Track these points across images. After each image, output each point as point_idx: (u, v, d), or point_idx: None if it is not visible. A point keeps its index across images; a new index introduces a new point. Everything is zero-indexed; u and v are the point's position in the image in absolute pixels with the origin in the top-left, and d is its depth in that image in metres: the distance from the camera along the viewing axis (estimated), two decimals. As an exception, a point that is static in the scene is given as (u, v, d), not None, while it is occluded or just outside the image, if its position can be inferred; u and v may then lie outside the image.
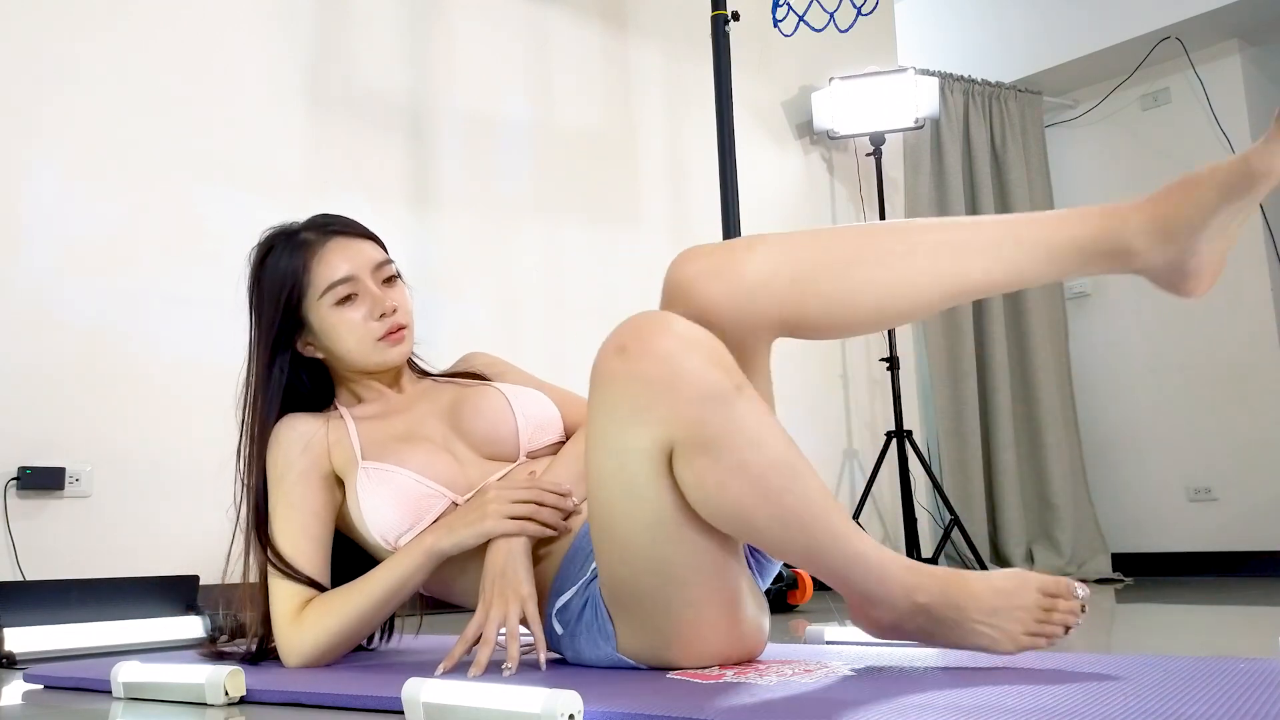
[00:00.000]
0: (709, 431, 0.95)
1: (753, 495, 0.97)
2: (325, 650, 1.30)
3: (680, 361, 0.95)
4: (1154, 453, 4.20)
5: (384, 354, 1.40)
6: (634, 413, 0.98)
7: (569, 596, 1.21)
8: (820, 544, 1.00)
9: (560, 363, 3.14)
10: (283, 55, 2.76)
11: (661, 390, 0.96)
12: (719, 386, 0.95)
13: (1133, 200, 1.05)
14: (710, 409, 0.95)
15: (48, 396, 2.29)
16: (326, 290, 1.39)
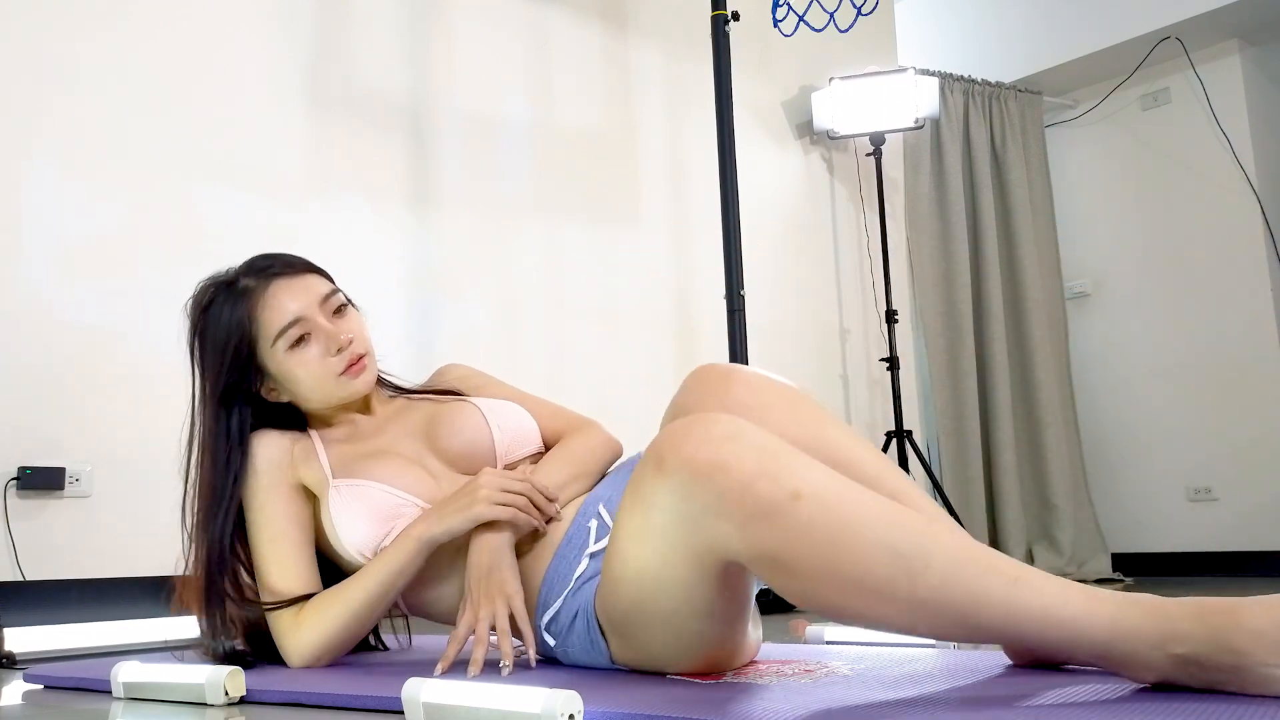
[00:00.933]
0: (771, 548, 0.86)
1: (856, 595, 0.85)
2: (327, 647, 1.30)
3: (724, 479, 0.86)
4: (1154, 453, 4.20)
5: (347, 387, 1.38)
6: (680, 532, 0.91)
7: (557, 608, 1.19)
8: (983, 623, 0.84)
9: (560, 362, 3.14)
10: (283, 55, 2.76)
11: (707, 510, 0.88)
12: (771, 500, 0.85)
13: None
14: (765, 527, 0.85)
15: (48, 396, 2.29)
16: (278, 337, 1.36)
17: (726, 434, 0.89)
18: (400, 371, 2.82)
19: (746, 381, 1.04)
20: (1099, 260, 4.42)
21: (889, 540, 0.84)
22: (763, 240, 3.70)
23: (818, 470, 0.88)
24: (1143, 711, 0.77)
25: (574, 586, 1.17)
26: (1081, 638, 0.83)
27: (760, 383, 1.05)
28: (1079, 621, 0.83)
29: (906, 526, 0.85)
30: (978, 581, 0.83)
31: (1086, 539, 4.08)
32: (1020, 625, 0.84)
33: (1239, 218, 4.04)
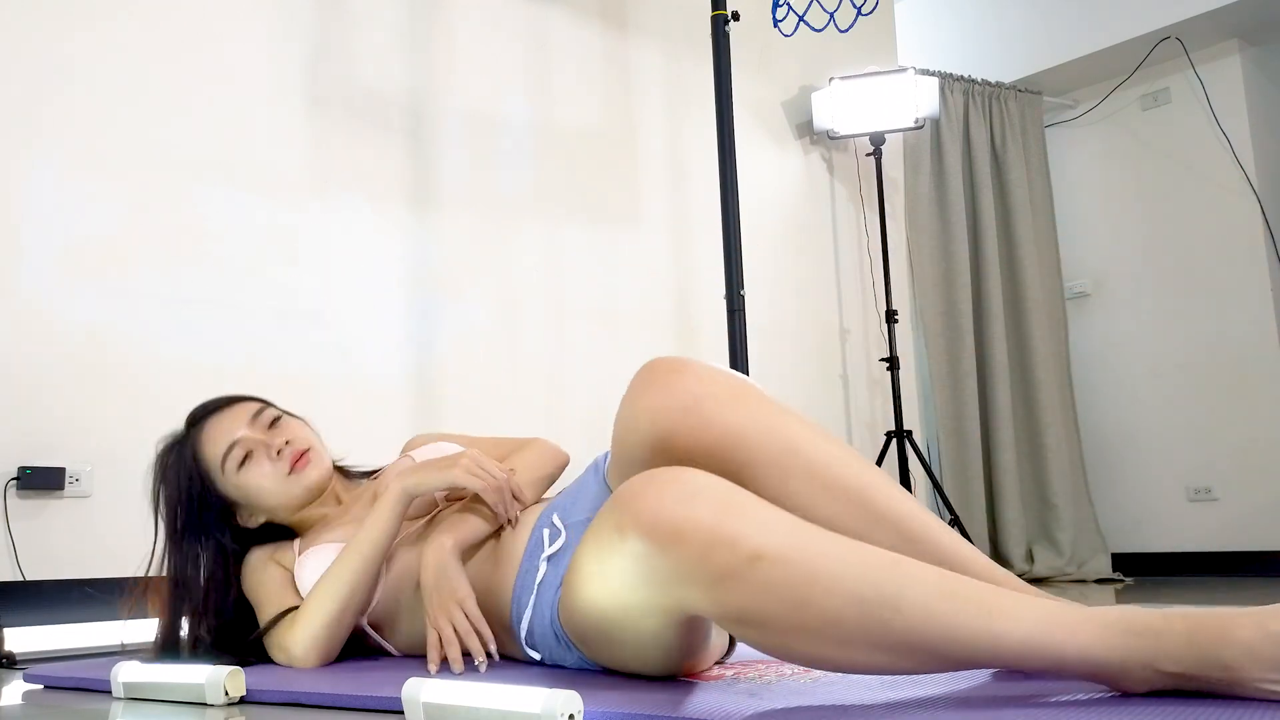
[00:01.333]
0: (736, 609, 0.84)
1: (829, 647, 0.84)
2: (326, 627, 1.31)
3: (681, 548, 0.84)
4: (1154, 453, 4.20)
5: (300, 483, 1.48)
6: (641, 591, 0.90)
7: (529, 618, 1.20)
8: (963, 657, 0.83)
9: (560, 362, 3.14)
10: (283, 55, 2.76)
11: (669, 577, 0.87)
12: (730, 566, 0.83)
13: None
14: (728, 591, 0.83)
15: (48, 396, 2.29)
16: (223, 462, 1.46)
17: (681, 496, 0.86)
18: (398, 371, 2.83)
19: (695, 374, 1.02)
20: (1099, 260, 4.42)
21: (855, 591, 0.82)
22: (763, 240, 3.70)
23: (776, 524, 0.85)
24: (1143, 712, 0.77)
25: (537, 594, 1.18)
26: (1066, 663, 0.82)
27: (709, 374, 1.02)
28: (1063, 648, 0.81)
29: (872, 572, 0.83)
30: (952, 619, 0.82)
31: (1086, 539, 4.08)
32: (1001, 656, 0.83)
33: (1239, 218, 4.04)
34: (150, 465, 1.55)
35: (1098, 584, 3.70)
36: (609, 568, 0.92)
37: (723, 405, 1.00)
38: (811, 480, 0.99)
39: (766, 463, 0.99)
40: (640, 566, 0.88)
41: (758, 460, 0.99)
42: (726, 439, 0.99)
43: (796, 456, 0.98)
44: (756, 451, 0.99)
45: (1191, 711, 0.76)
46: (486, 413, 2.95)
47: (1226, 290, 4.05)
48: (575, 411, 3.13)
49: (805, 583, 0.82)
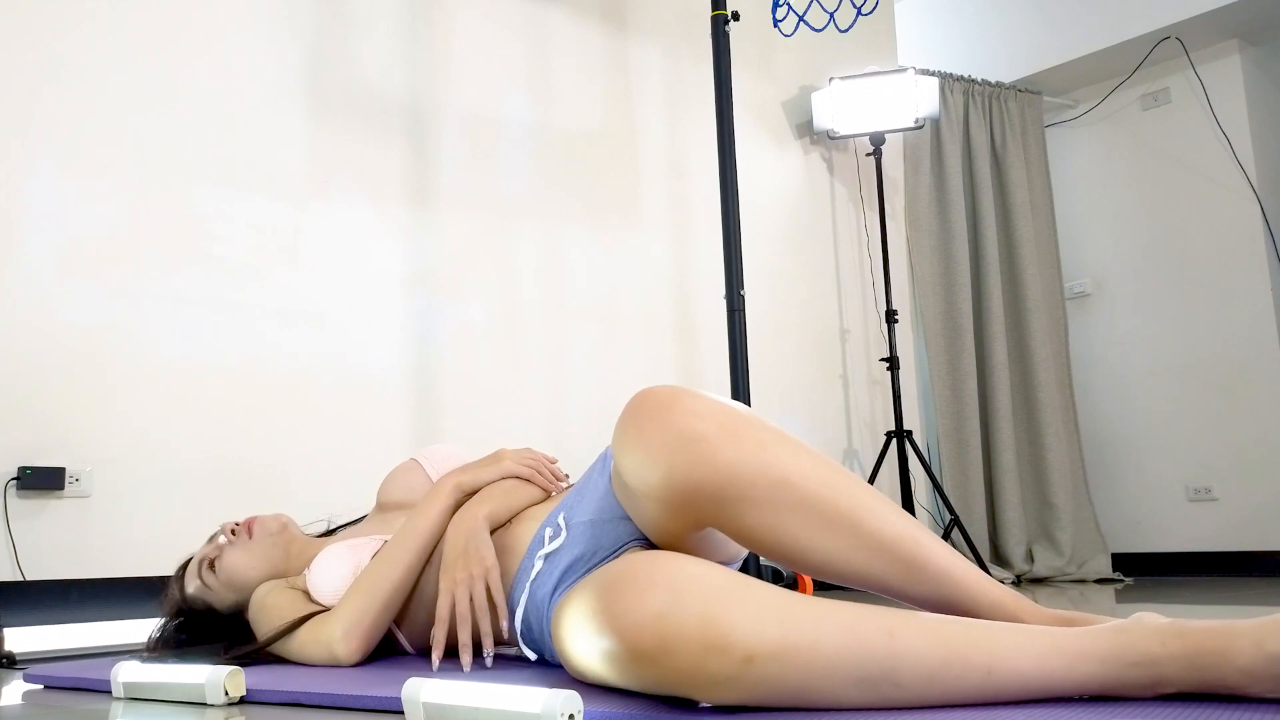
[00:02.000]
0: (735, 702, 0.84)
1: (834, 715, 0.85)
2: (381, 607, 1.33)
3: (670, 662, 0.83)
4: (1154, 453, 4.20)
5: (261, 536, 1.54)
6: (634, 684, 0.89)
7: (521, 614, 1.22)
8: (964, 705, 0.85)
9: (560, 362, 3.14)
10: (283, 55, 2.76)
11: (660, 684, 0.85)
12: (724, 672, 0.82)
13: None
14: (724, 692, 0.83)
15: (48, 396, 2.29)
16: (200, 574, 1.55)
17: (665, 607, 0.83)
18: (399, 372, 2.82)
19: (685, 410, 1.00)
20: (1099, 260, 4.43)
21: (853, 674, 0.83)
22: (763, 240, 3.70)
23: (767, 615, 0.83)
24: (1143, 712, 0.77)
25: (530, 591, 1.19)
26: (1070, 693, 0.84)
27: (699, 410, 1.00)
28: (1061, 686, 0.83)
29: (868, 653, 0.83)
30: (953, 685, 0.83)
31: (1086, 539, 4.08)
32: (1005, 692, 0.85)
33: (1239, 218, 4.04)
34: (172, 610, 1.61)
35: (1098, 584, 3.70)
36: (592, 660, 0.91)
37: (713, 445, 0.98)
38: (807, 514, 0.98)
39: (759, 500, 0.98)
40: (627, 669, 0.87)
41: (750, 498, 0.98)
42: (718, 478, 0.97)
43: (789, 491, 0.98)
44: (748, 489, 0.98)
45: (1191, 712, 0.76)
46: (486, 413, 2.95)
47: (1226, 290, 4.05)
48: (575, 411, 3.14)
49: (802, 674, 0.83)
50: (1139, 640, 0.82)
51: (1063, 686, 0.83)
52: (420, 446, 2.81)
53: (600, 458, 1.29)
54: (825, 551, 0.99)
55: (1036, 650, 0.84)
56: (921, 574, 0.99)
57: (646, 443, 0.99)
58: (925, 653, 0.83)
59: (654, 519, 1.06)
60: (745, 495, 0.98)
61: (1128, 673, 0.81)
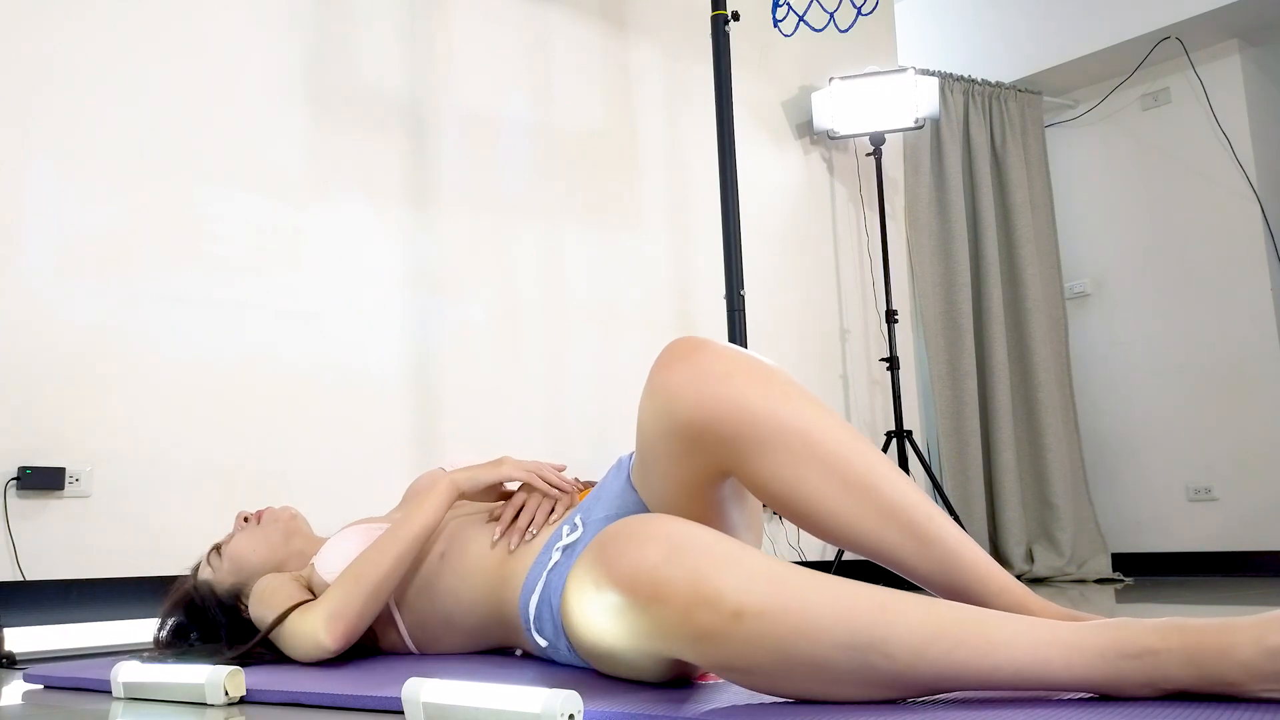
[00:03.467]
0: (722, 661, 0.84)
1: (820, 687, 0.84)
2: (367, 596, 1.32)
3: (661, 609, 0.84)
4: (1154, 453, 4.20)
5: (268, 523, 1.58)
6: (627, 639, 0.90)
7: (536, 601, 1.21)
8: (957, 688, 0.84)
9: (560, 362, 3.14)
10: (283, 55, 2.76)
11: (652, 634, 0.86)
12: (712, 626, 0.82)
13: None
14: (712, 646, 0.83)
15: (48, 396, 2.29)
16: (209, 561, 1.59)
17: (659, 558, 0.85)
18: (398, 371, 2.82)
19: (716, 353, 1.03)
20: (1099, 260, 4.43)
21: (842, 639, 0.82)
22: (763, 240, 3.70)
23: (758, 575, 0.84)
24: (1143, 713, 0.77)
25: (546, 579, 1.20)
26: (1060, 687, 0.82)
27: (730, 354, 1.03)
28: (1058, 677, 0.82)
29: (859, 619, 0.82)
30: (944, 660, 0.82)
31: (1086, 539, 4.08)
32: (996, 686, 0.83)
33: (1239, 218, 4.04)
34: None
35: (1098, 584, 3.70)
36: (592, 617, 0.92)
37: (742, 386, 1.00)
38: (824, 470, 0.99)
39: (779, 446, 0.99)
40: (621, 621, 0.88)
41: (770, 443, 0.99)
42: (742, 420, 0.99)
43: (809, 443, 0.98)
44: (769, 434, 0.99)
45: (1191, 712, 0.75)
46: (486, 412, 2.95)
47: (1226, 290, 4.05)
48: (575, 412, 3.13)
49: (790, 635, 0.82)
50: (1138, 634, 0.81)
51: (1059, 677, 0.81)
52: (420, 446, 2.81)
53: (615, 465, 1.29)
54: (838, 512, 0.99)
55: (1033, 638, 0.82)
56: (931, 549, 0.98)
57: (676, 379, 1.01)
58: (917, 627, 0.82)
59: (672, 473, 1.06)
60: (766, 440, 0.99)
61: (1126, 666, 0.80)
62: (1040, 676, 0.82)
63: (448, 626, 1.40)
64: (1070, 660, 0.81)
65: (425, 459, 2.81)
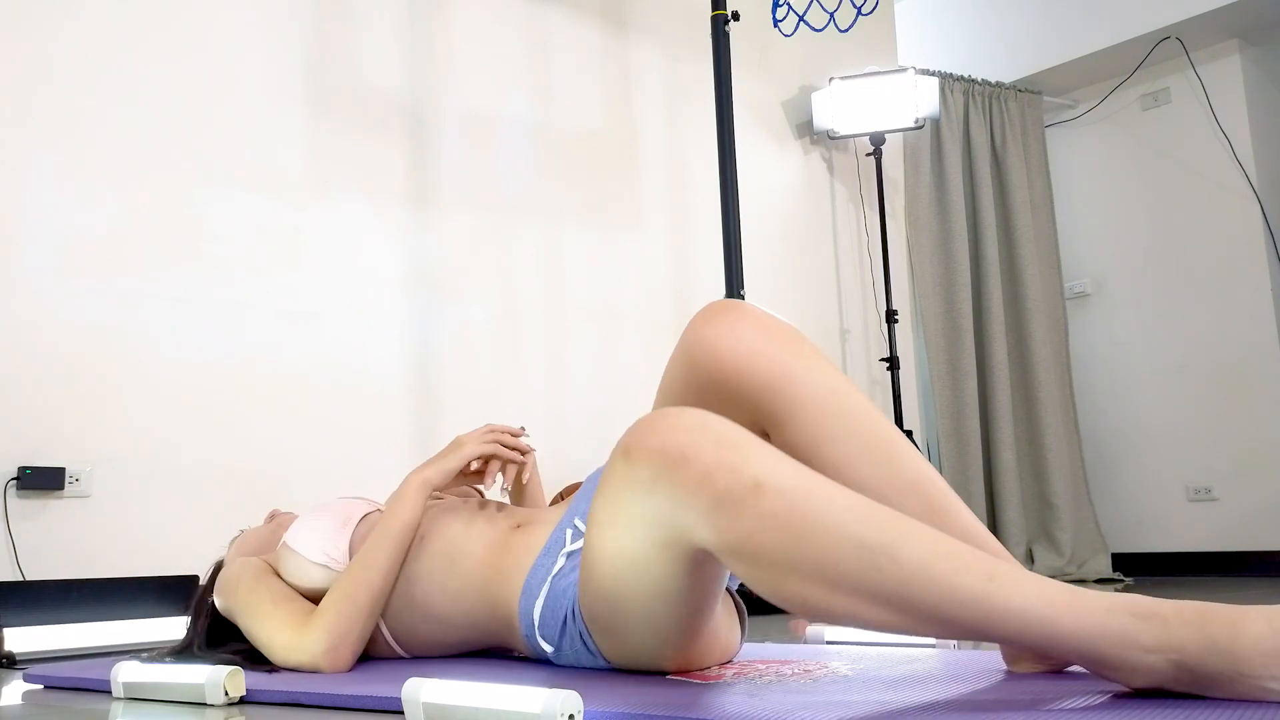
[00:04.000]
0: (735, 538, 0.85)
1: (822, 588, 0.83)
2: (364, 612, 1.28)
3: (685, 470, 0.86)
4: (1154, 453, 4.20)
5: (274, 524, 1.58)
6: (648, 520, 0.92)
7: (540, 607, 1.19)
8: (956, 619, 0.82)
9: (560, 362, 3.14)
10: (283, 55, 2.76)
11: (672, 501, 0.88)
12: (730, 491, 0.84)
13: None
14: (727, 517, 0.84)
15: (48, 396, 2.29)
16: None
17: (689, 425, 0.89)
18: (398, 371, 2.82)
19: (755, 315, 1.07)
20: (1099, 260, 4.43)
21: (855, 534, 0.82)
22: (763, 240, 3.70)
23: (782, 463, 0.86)
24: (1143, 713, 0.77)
25: (551, 584, 1.18)
26: (1065, 639, 0.80)
27: (768, 316, 1.08)
28: (1061, 621, 0.80)
29: (874, 520, 0.83)
30: (950, 578, 0.81)
31: (1086, 539, 4.08)
32: (996, 623, 0.81)
33: (1239, 218, 4.04)
34: None
35: (1098, 584, 3.70)
36: (617, 498, 0.94)
37: (779, 344, 1.04)
38: (850, 431, 1.01)
39: (808, 402, 1.01)
40: (645, 491, 0.90)
41: (801, 398, 1.01)
42: (778, 370, 1.02)
43: (837, 403, 1.01)
44: (803, 391, 1.02)
45: (1192, 712, 0.76)
46: (486, 412, 2.95)
47: (1226, 290, 4.05)
48: (575, 411, 3.14)
49: (804, 517, 0.82)
50: (1151, 601, 0.80)
51: (1065, 627, 0.80)
52: (420, 446, 2.81)
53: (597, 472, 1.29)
54: (860, 477, 1.00)
55: (1041, 585, 0.81)
56: (948, 526, 1.00)
57: (716, 332, 1.06)
58: (929, 543, 0.82)
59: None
60: (798, 396, 1.03)
61: (1134, 625, 0.79)
62: (1045, 621, 0.80)
63: (430, 619, 1.32)
64: (1079, 612, 0.80)
65: (425, 458, 2.81)
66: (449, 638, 1.35)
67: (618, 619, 1.06)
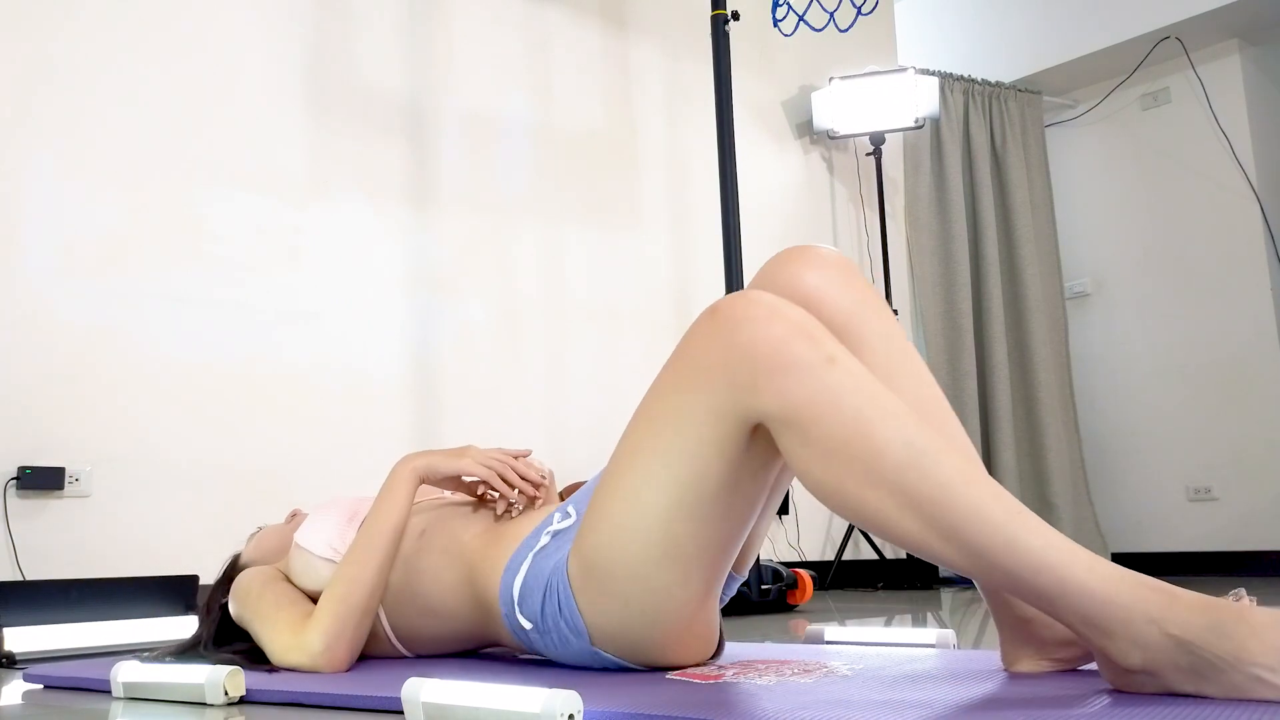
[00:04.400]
0: (796, 404, 0.89)
1: (862, 475, 0.87)
2: (359, 608, 1.27)
3: (768, 329, 0.91)
4: (1154, 453, 4.20)
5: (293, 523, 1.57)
6: (709, 376, 0.95)
7: (522, 580, 1.16)
8: (978, 542, 0.84)
9: (560, 362, 3.14)
10: (283, 55, 2.76)
11: (746, 358, 0.92)
12: (806, 357, 0.89)
13: None
14: (796, 381, 0.89)
15: (48, 396, 2.29)
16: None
17: (778, 300, 0.94)
18: (398, 371, 2.82)
19: (825, 255, 1.12)
20: (1099, 260, 4.43)
21: (906, 432, 0.86)
22: (763, 240, 3.70)
23: (853, 356, 0.93)
24: (1142, 714, 0.77)
25: (534, 559, 1.16)
26: (1074, 590, 0.81)
27: (840, 260, 1.12)
28: (1075, 572, 0.81)
29: (924, 430, 0.87)
30: (981, 500, 0.84)
31: (1086, 539, 4.08)
32: (1014, 555, 0.83)
33: (1239, 218, 4.04)
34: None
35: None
36: (692, 354, 0.97)
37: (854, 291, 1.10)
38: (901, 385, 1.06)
39: (874, 352, 1.07)
40: (724, 348, 0.93)
41: (865, 347, 1.07)
42: (848, 318, 1.07)
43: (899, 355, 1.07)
44: (866, 337, 1.07)
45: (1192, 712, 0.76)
46: (486, 412, 2.95)
47: (1226, 290, 4.05)
48: (575, 411, 3.14)
49: (867, 400, 0.87)
50: (1160, 581, 0.82)
51: (1078, 577, 0.81)
52: (419, 446, 2.81)
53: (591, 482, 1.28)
54: None
55: (1062, 536, 0.84)
56: None
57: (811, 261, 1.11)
58: (966, 465, 0.86)
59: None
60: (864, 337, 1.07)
61: (1144, 593, 0.80)
62: (1061, 566, 0.82)
63: (428, 614, 1.31)
64: (1093, 567, 0.82)
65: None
66: (445, 632, 1.33)
67: (608, 582, 1.03)
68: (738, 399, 0.93)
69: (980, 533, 0.83)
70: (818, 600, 2.89)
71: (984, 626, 1.91)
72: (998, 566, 0.84)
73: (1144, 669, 0.82)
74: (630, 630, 1.09)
